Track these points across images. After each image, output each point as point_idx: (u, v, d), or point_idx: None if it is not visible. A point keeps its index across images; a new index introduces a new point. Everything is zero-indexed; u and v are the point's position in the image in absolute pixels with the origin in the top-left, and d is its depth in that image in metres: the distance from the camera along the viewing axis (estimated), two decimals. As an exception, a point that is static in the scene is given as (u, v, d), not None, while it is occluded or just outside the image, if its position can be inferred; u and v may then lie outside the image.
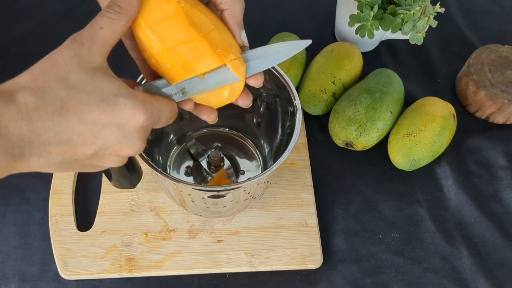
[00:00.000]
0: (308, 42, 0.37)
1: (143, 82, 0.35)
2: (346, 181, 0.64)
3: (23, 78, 0.30)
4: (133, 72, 0.44)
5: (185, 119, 0.62)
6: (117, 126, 0.31)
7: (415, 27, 0.62)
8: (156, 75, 0.39)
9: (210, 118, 0.40)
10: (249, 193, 0.52)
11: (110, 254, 0.56)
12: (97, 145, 0.32)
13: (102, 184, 0.61)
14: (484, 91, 0.68)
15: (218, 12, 0.38)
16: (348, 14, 0.65)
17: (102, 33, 0.32)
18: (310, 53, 0.73)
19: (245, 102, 0.40)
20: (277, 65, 0.53)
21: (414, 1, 0.62)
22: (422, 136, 0.62)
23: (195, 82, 0.36)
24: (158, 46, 0.35)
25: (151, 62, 0.37)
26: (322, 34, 0.81)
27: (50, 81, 0.30)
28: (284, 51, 0.37)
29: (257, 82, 0.39)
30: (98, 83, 0.31)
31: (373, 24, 0.63)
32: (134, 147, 0.33)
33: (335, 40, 0.80)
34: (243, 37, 0.37)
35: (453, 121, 0.65)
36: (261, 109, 0.60)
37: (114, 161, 0.34)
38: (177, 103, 0.37)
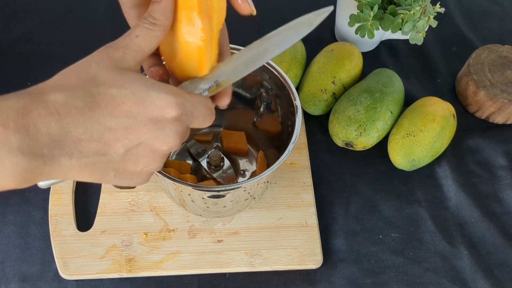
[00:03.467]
0: (329, 9, 0.36)
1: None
2: (346, 181, 0.64)
3: (54, 78, 0.30)
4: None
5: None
6: (149, 118, 0.30)
7: (415, 27, 0.62)
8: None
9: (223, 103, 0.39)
10: (249, 193, 0.52)
11: (110, 254, 0.56)
12: (130, 140, 0.30)
13: (102, 184, 0.61)
14: (484, 91, 0.68)
15: None
16: (348, 14, 0.65)
17: (137, 41, 0.32)
18: (310, 53, 0.73)
19: (224, 102, 0.39)
20: (277, 65, 0.54)
21: (414, 1, 0.62)
22: (422, 136, 0.62)
23: (226, 71, 0.36)
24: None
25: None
26: (322, 34, 0.81)
27: (80, 79, 0.30)
28: (303, 23, 0.38)
29: (225, 102, 0.38)
30: (129, 78, 0.30)
31: (373, 24, 0.63)
32: (169, 141, 0.32)
33: (335, 40, 0.80)
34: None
35: (453, 121, 0.65)
36: (261, 109, 0.60)
37: (150, 161, 0.32)
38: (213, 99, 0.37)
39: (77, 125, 0.28)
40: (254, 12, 0.37)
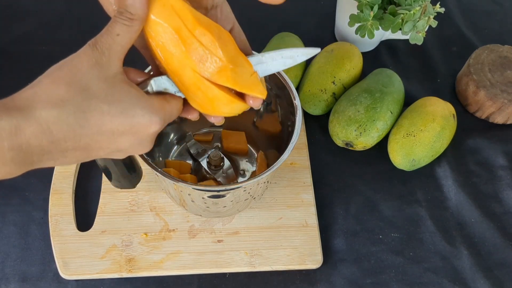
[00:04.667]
0: (317, 50, 0.38)
1: (153, 78, 0.36)
2: (346, 181, 0.64)
3: (44, 87, 0.30)
4: (142, 64, 0.43)
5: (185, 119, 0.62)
6: (133, 134, 0.33)
7: (415, 27, 0.62)
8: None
9: (217, 120, 0.41)
10: (249, 193, 0.52)
11: (110, 254, 0.56)
12: (111, 149, 0.33)
13: (102, 184, 0.61)
14: (484, 91, 0.68)
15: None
16: (348, 14, 0.65)
17: (119, 40, 0.32)
18: (310, 53, 0.73)
19: (257, 103, 0.41)
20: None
21: (414, 1, 0.62)
22: (422, 136, 0.62)
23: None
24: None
25: (157, 59, 0.37)
26: (322, 34, 0.81)
27: (72, 91, 0.30)
28: (290, 57, 0.38)
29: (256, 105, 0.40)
30: (117, 93, 0.32)
31: (373, 24, 0.63)
32: (145, 149, 0.36)
33: (335, 40, 0.80)
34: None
35: (453, 121, 0.65)
36: (261, 109, 0.60)
37: (121, 157, 0.36)
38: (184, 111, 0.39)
39: (66, 140, 0.30)
40: None
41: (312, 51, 0.38)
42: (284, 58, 0.38)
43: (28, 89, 0.30)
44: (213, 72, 0.34)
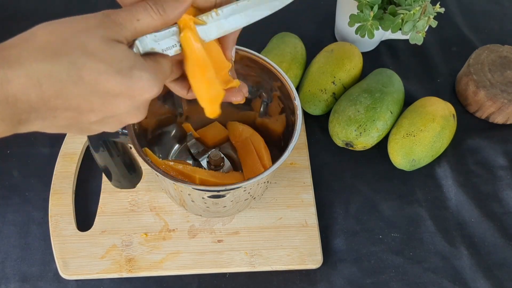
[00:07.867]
0: None
1: (138, 38, 0.33)
2: (346, 181, 0.64)
3: (38, 38, 0.28)
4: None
5: (184, 118, 0.62)
6: (129, 97, 0.31)
7: (415, 27, 0.62)
8: None
9: (237, 99, 0.40)
10: (249, 193, 0.52)
11: (110, 254, 0.56)
12: (104, 113, 0.31)
13: (102, 184, 0.61)
14: (484, 91, 0.68)
15: None
16: (348, 14, 0.65)
17: (137, 25, 0.31)
18: (310, 53, 0.73)
19: (237, 98, 0.40)
20: (277, 65, 0.54)
21: (414, 1, 0.62)
22: (422, 136, 0.62)
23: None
24: None
25: None
26: (322, 34, 0.81)
27: (69, 46, 0.28)
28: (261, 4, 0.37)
29: (237, 98, 0.40)
30: (115, 53, 0.30)
31: (373, 24, 0.63)
32: (139, 116, 0.33)
33: (335, 40, 0.80)
34: (233, 53, 0.39)
35: (453, 121, 0.65)
36: (261, 109, 0.60)
37: (114, 127, 0.33)
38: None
39: (57, 96, 0.28)
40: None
41: None
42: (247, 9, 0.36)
43: (20, 38, 0.28)
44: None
